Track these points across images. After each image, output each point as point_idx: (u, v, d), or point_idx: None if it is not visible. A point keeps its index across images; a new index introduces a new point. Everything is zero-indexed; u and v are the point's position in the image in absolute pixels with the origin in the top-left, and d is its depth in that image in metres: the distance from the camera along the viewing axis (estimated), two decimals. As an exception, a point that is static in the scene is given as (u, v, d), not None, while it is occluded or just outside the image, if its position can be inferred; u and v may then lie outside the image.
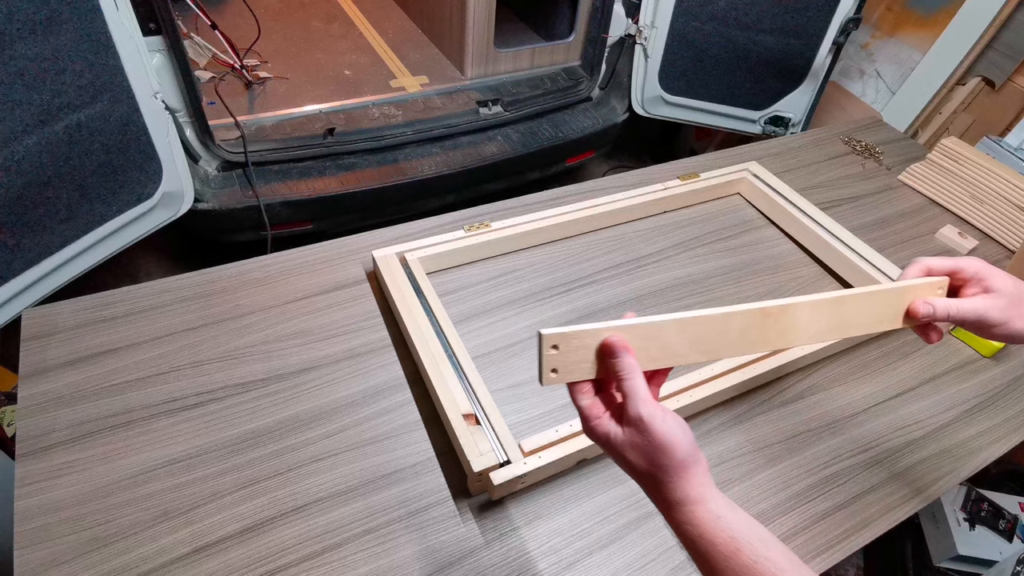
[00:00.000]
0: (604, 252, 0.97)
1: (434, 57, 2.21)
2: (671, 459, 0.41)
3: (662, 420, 0.41)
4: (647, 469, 0.42)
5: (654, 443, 0.41)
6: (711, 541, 0.40)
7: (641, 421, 0.41)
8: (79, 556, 0.56)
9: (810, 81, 1.79)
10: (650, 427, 0.41)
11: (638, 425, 0.41)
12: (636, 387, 0.42)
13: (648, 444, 0.41)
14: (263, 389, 0.71)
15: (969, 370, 0.87)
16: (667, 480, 0.41)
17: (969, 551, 1.29)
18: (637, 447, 0.41)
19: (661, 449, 0.41)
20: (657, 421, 0.41)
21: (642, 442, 0.41)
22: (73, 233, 1.18)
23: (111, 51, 1.14)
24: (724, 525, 0.40)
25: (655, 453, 0.41)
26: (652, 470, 0.41)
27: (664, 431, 0.40)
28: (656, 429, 0.40)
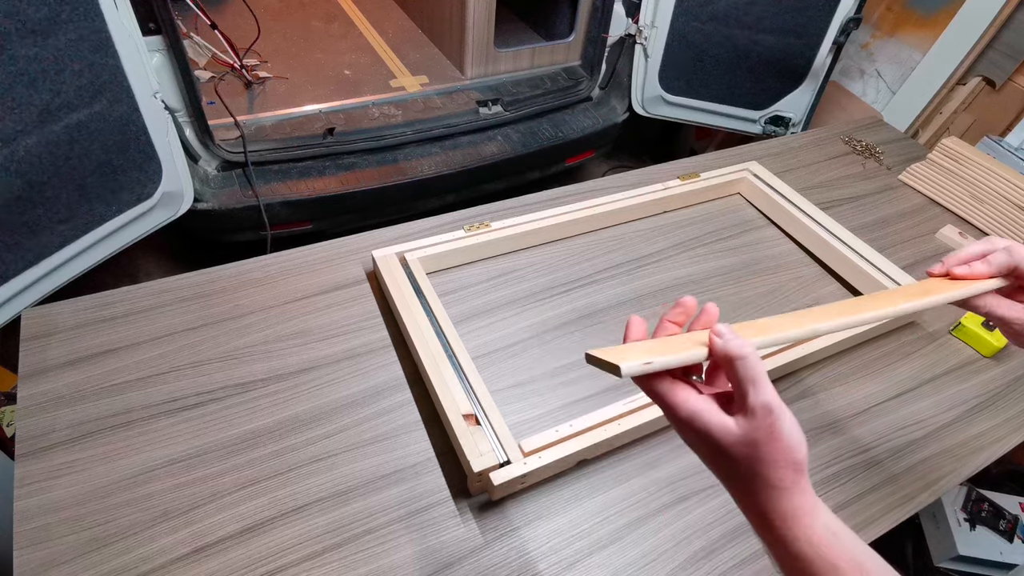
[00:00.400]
0: (604, 252, 0.97)
1: (434, 57, 2.21)
2: (791, 459, 0.35)
3: (786, 411, 0.35)
4: (758, 470, 0.35)
5: (777, 439, 0.35)
6: (833, 564, 0.34)
7: (770, 412, 0.35)
8: (79, 556, 0.56)
9: (810, 81, 1.79)
10: (777, 419, 0.35)
11: (763, 416, 0.35)
12: (761, 371, 0.35)
13: (771, 440, 0.35)
14: (263, 389, 0.71)
15: (970, 370, 0.87)
16: (780, 486, 0.35)
17: (969, 551, 1.29)
18: (753, 443, 0.35)
19: (783, 448, 0.35)
20: (784, 412, 0.35)
21: (763, 437, 0.35)
22: (73, 233, 1.18)
23: (111, 51, 1.14)
24: (847, 546, 0.35)
25: (774, 453, 0.35)
26: (763, 471, 0.35)
27: (790, 427, 0.35)
28: (783, 424, 0.35)
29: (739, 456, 0.36)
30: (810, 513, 0.35)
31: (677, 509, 0.66)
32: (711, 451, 0.37)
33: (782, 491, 0.35)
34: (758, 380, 0.35)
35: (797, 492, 0.35)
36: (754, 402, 0.35)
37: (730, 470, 0.37)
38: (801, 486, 0.36)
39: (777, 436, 0.35)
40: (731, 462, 0.36)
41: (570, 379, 0.77)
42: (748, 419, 0.35)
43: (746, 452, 0.35)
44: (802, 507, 0.35)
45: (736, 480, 0.37)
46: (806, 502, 0.35)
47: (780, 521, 0.36)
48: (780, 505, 0.35)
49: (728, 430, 0.36)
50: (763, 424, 0.35)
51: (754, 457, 0.35)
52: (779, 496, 0.35)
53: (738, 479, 0.37)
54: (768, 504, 0.36)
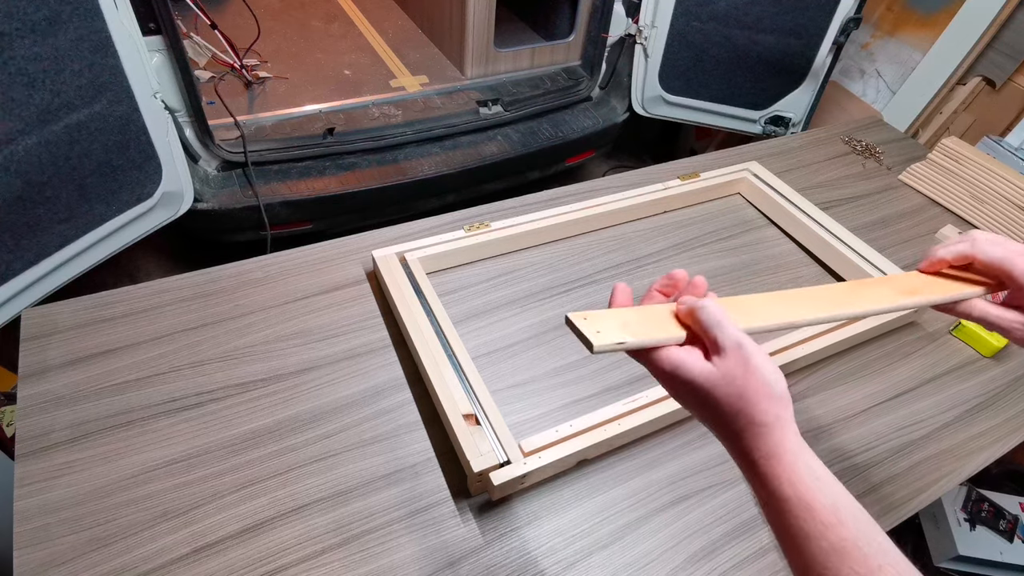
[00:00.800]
0: (604, 252, 0.97)
1: (434, 57, 2.21)
2: (770, 394, 0.36)
3: (758, 348, 0.37)
4: (740, 407, 0.36)
5: (752, 373, 0.36)
6: (808, 505, 0.34)
7: (740, 348, 0.36)
8: (79, 556, 0.56)
9: (810, 81, 1.79)
10: (750, 354, 0.36)
11: (736, 352, 0.36)
12: (722, 314, 0.37)
13: (747, 373, 0.36)
14: (263, 389, 0.71)
15: (969, 370, 0.87)
16: (762, 421, 0.36)
17: (969, 551, 1.29)
18: (731, 379, 0.36)
19: (761, 381, 0.36)
20: (757, 350, 0.36)
21: (740, 371, 0.36)
22: (72, 233, 1.18)
23: (111, 51, 1.14)
24: (825, 489, 0.34)
25: (753, 386, 0.36)
26: (746, 408, 0.36)
27: (763, 361, 0.36)
28: (756, 357, 0.36)
29: (722, 396, 0.37)
30: (792, 452, 0.36)
31: (677, 509, 0.66)
32: (697, 399, 0.38)
33: (763, 426, 0.36)
34: (722, 322, 0.37)
35: (779, 428, 0.36)
36: (723, 341, 0.37)
37: (716, 413, 0.38)
38: (783, 422, 0.36)
39: (752, 369, 0.36)
40: (715, 404, 0.37)
41: (570, 379, 0.77)
42: (723, 358, 0.37)
43: (727, 390, 0.36)
44: (783, 444, 0.36)
45: (722, 422, 0.38)
46: (788, 440, 0.36)
47: (763, 459, 0.36)
48: (762, 442, 0.36)
49: (709, 372, 0.37)
50: (737, 358, 0.36)
51: (735, 394, 0.36)
52: (761, 432, 0.36)
53: (724, 420, 0.38)
54: (751, 441, 0.36)
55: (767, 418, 0.36)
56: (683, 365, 0.38)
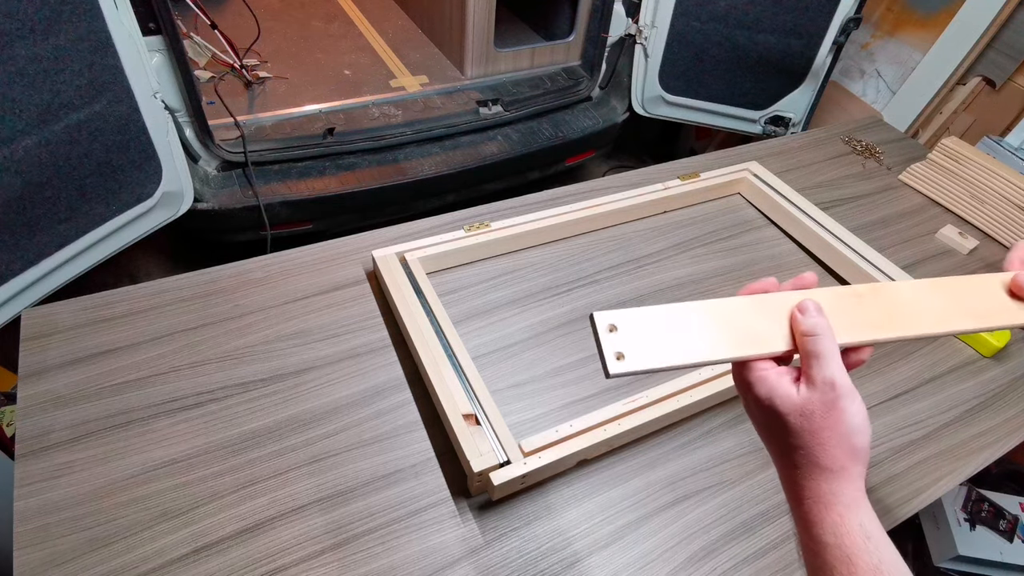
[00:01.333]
0: (604, 252, 0.97)
1: (434, 57, 2.21)
2: (846, 443, 0.34)
3: (855, 396, 0.35)
4: (805, 443, 0.35)
5: (837, 418, 0.34)
6: (849, 558, 0.33)
7: (832, 388, 0.35)
8: (79, 556, 0.56)
9: (810, 81, 1.79)
10: (841, 396, 0.34)
11: (825, 390, 0.35)
12: (831, 349, 0.36)
13: (828, 416, 0.34)
14: (263, 389, 0.71)
15: (970, 370, 0.87)
16: (826, 465, 0.34)
17: (969, 551, 1.29)
18: (809, 415, 0.35)
19: (842, 428, 0.34)
20: (851, 395, 0.35)
21: (820, 411, 0.35)
22: (73, 233, 1.18)
23: (111, 51, 1.14)
24: (872, 548, 0.33)
25: (832, 430, 0.34)
26: (813, 447, 0.35)
27: (855, 409, 0.35)
28: (846, 402, 0.34)
29: (793, 427, 0.35)
30: (848, 506, 0.34)
31: (677, 509, 0.66)
32: (769, 417, 0.37)
33: (825, 471, 0.34)
34: (824, 356, 0.36)
35: (842, 479, 0.34)
36: (817, 375, 0.35)
37: (781, 439, 0.36)
38: (848, 474, 0.34)
39: (836, 414, 0.34)
40: (785, 431, 0.36)
41: (570, 379, 0.77)
42: (809, 391, 0.35)
43: (800, 424, 0.35)
44: (840, 495, 0.34)
45: (783, 451, 0.37)
46: (848, 491, 0.34)
47: (811, 502, 0.34)
48: (819, 485, 0.34)
49: (789, 397, 0.36)
50: (824, 398, 0.35)
51: (807, 430, 0.35)
52: (821, 476, 0.34)
53: (787, 451, 0.36)
54: (806, 480, 0.35)
55: (832, 464, 0.34)
56: (768, 379, 0.37)
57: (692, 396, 0.71)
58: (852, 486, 0.34)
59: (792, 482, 0.36)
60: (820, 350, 0.36)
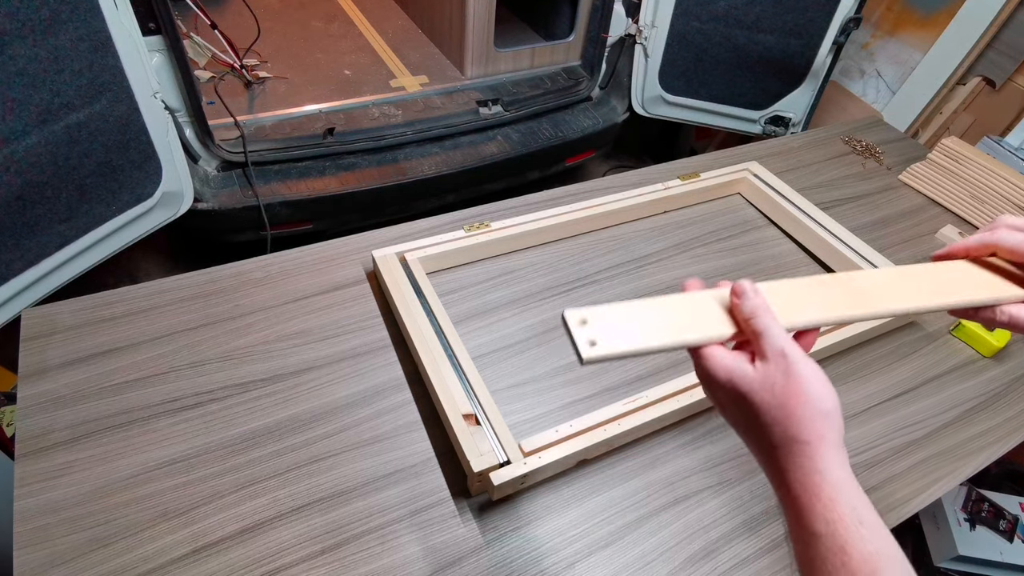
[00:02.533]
0: (604, 252, 0.97)
1: (434, 57, 2.21)
2: (815, 408, 0.33)
3: (808, 361, 0.34)
4: (776, 417, 0.34)
5: (795, 382, 0.33)
6: (842, 547, 0.31)
7: (784, 356, 0.34)
8: (79, 556, 0.56)
9: (810, 81, 1.79)
10: (794, 361, 0.34)
11: (778, 359, 0.34)
12: (771, 323, 0.35)
13: (788, 382, 0.33)
14: (263, 389, 0.71)
15: (969, 370, 0.87)
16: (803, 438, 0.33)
17: (970, 551, 1.29)
18: (771, 387, 0.34)
19: (804, 393, 0.33)
20: (803, 360, 0.34)
21: (780, 379, 0.34)
22: (73, 233, 1.18)
23: (111, 51, 1.14)
24: (867, 534, 0.31)
25: (795, 397, 0.33)
26: (784, 419, 0.33)
27: (810, 371, 0.33)
28: (800, 365, 0.33)
29: (760, 403, 0.34)
30: (833, 485, 0.32)
31: (677, 509, 0.66)
32: (735, 401, 0.36)
33: (803, 444, 0.33)
34: (768, 329, 0.35)
35: (822, 449, 0.32)
36: (767, 348, 0.35)
37: (751, 421, 0.35)
38: (828, 443, 0.33)
39: (795, 379, 0.33)
40: (751, 410, 0.35)
41: (570, 379, 0.77)
42: (764, 364, 0.35)
43: (766, 399, 0.34)
44: (824, 472, 0.32)
45: (757, 433, 0.35)
46: (830, 467, 0.32)
47: (798, 484, 0.33)
48: (799, 462, 0.33)
49: (747, 375, 0.35)
50: (779, 367, 0.34)
51: (774, 404, 0.34)
52: (799, 451, 0.33)
53: (759, 431, 0.35)
54: (788, 459, 0.33)
55: (809, 435, 0.33)
56: (724, 362, 0.37)
57: (692, 396, 0.71)
58: (835, 458, 0.33)
59: (773, 465, 0.35)
60: (762, 326, 0.36)
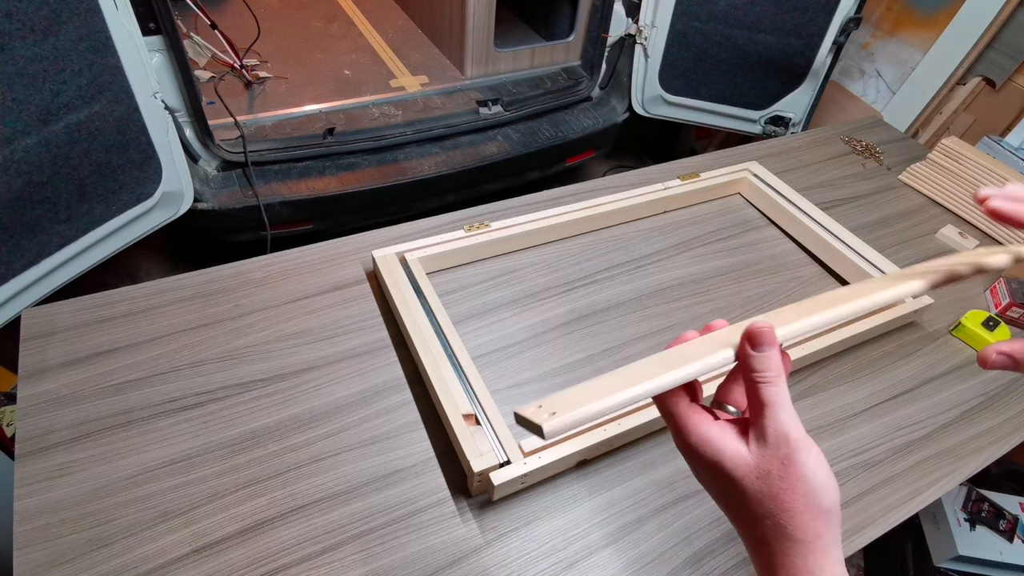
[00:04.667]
0: (604, 252, 0.97)
1: (434, 57, 2.21)
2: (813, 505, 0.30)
3: (811, 448, 0.30)
4: (769, 510, 0.30)
5: (794, 474, 0.30)
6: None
7: (786, 442, 0.30)
8: (79, 556, 0.56)
9: (810, 81, 1.79)
10: (797, 450, 0.30)
11: (778, 445, 0.30)
12: (783, 395, 0.31)
13: (786, 474, 0.30)
14: (263, 389, 0.71)
15: (969, 370, 0.87)
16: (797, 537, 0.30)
17: (970, 551, 1.29)
18: (766, 475, 0.30)
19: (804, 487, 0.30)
20: (807, 447, 0.30)
21: (777, 470, 0.30)
22: (72, 233, 1.18)
23: (110, 51, 1.14)
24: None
25: (792, 491, 0.30)
26: (778, 514, 0.30)
27: (814, 462, 0.30)
28: (803, 456, 0.30)
29: (752, 492, 0.31)
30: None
31: (677, 509, 0.66)
32: (722, 484, 0.33)
33: (798, 543, 0.30)
34: (776, 404, 0.31)
35: (817, 551, 0.30)
36: (769, 428, 0.31)
37: (739, 509, 0.32)
38: (824, 544, 0.30)
39: (795, 472, 0.30)
40: (743, 498, 0.31)
41: (570, 379, 0.77)
42: (761, 447, 0.31)
43: (759, 488, 0.31)
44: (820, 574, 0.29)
45: (746, 522, 0.32)
46: (827, 567, 0.29)
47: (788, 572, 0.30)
48: (793, 562, 0.30)
49: (740, 457, 0.31)
50: (778, 454, 0.30)
51: (768, 495, 0.30)
52: (793, 550, 0.30)
53: (748, 521, 0.32)
54: (779, 557, 0.30)
55: (805, 534, 0.30)
56: (712, 441, 0.32)
57: (692, 396, 0.71)
58: (830, 559, 0.30)
59: (763, 560, 0.32)
60: (770, 398, 0.31)
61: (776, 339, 0.32)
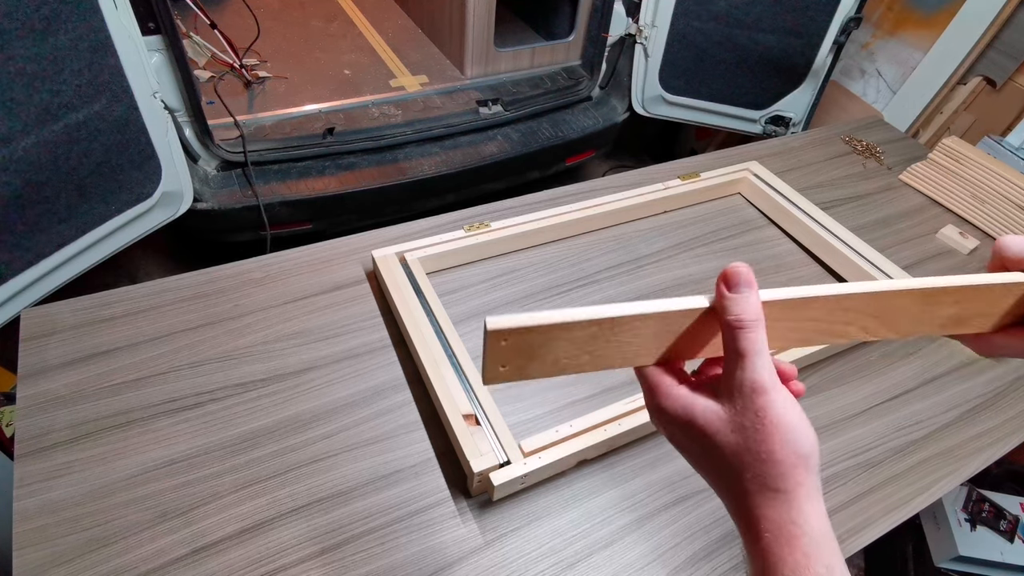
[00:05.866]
0: (604, 252, 0.96)
1: (434, 57, 2.21)
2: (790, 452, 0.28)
3: (779, 390, 0.29)
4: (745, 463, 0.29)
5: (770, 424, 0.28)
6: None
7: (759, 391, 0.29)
8: (78, 557, 0.56)
9: (811, 81, 1.79)
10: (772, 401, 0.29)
11: (751, 395, 0.29)
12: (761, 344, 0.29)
13: (761, 425, 0.29)
14: (263, 389, 0.71)
15: (970, 370, 0.87)
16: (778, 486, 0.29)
17: (970, 552, 1.29)
18: (740, 428, 0.29)
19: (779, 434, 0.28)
20: (775, 389, 0.29)
21: (751, 421, 0.29)
22: (72, 233, 1.18)
23: (110, 51, 1.14)
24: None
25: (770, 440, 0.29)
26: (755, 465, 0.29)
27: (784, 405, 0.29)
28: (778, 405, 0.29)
29: (728, 445, 0.30)
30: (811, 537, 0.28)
31: (677, 509, 0.66)
32: (697, 443, 0.31)
33: (781, 494, 0.29)
34: (752, 354, 0.29)
35: (800, 498, 0.28)
36: (740, 378, 0.29)
37: (720, 465, 0.31)
38: (807, 490, 0.29)
39: (769, 419, 0.29)
40: (719, 453, 0.30)
41: (570, 379, 0.77)
42: (735, 399, 0.30)
43: (735, 440, 0.29)
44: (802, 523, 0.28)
45: (723, 478, 0.31)
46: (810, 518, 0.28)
47: (771, 536, 0.28)
48: (774, 513, 0.29)
49: (711, 410, 0.30)
50: (751, 405, 0.29)
51: (744, 447, 0.29)
52: (774, 500, 0.29)
53: (725, 476, 0.30)
54: (760, 510, 0.29)
55: (784, 484, 0.28)
56: (682, 398, 0.31)
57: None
58: (813, 507, 0.29)
59: (743, 514, 0.30)
60: (747, 347, 0.29)
61: (754, 280, 0.30)
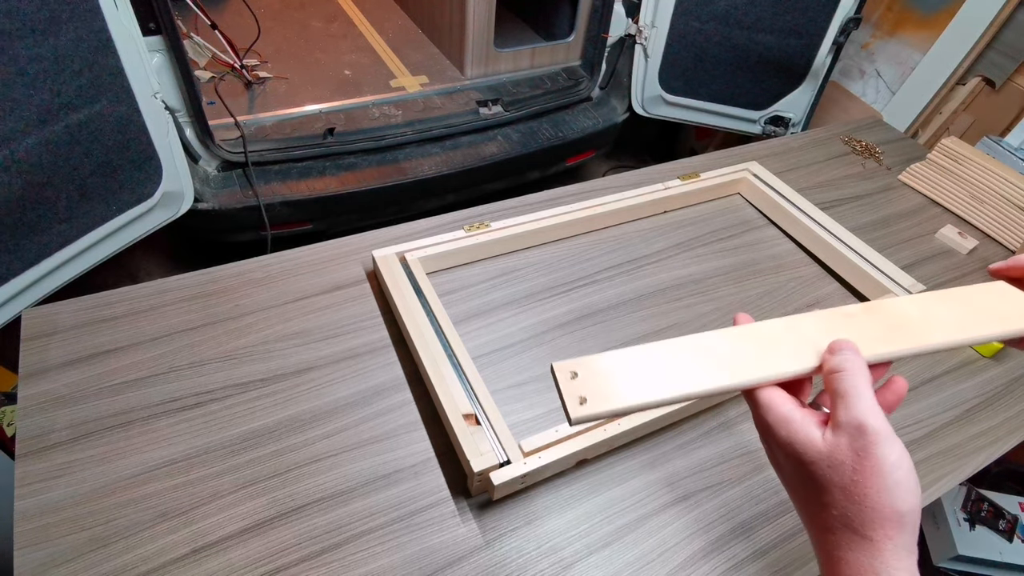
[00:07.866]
0: (604, 252, 0.97)
1: (434, 57, 2.21)
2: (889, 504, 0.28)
3: (894, 444, 0.29)
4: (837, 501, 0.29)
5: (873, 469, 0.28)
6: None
7: (863, 432, 0.29)
8: (78, 556, 0.56)
9: (810, 81, 1.80)
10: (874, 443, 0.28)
11: (854, 435, 0.29)
12: (859, 386, 0.31)
13: (861, 466, 0.28)
14: (263, 389, 0.71)
15: (969, 370, 0.87)
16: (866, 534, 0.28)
17: (969, 551, 1.29)
18: (838, 465, 0.29)
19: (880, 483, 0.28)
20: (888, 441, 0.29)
21: (850, 461, 0.29)
22: (73, 233, 1.18)
23: (111, 51, 1.14)
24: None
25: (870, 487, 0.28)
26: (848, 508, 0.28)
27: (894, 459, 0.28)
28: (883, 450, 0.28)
29: (821, 479, 0.30)
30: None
31: (677, 509, 0.66)
32: (793, 468, 0.31)
33: (867, 542, 0.28)
34: (850, 394, 0.30)
35: (888, 550, 0.27)
36: (842, 416, 0.30)
37: (811, 497, 0.31)
38: (895, 547, 0.27)
39: (870, 465, 0.28)
40: (813, 485, 0.30)
41: (570, 379, 0.77)
42: (835, 435, 0.30)
43: (829, 476, 0.29)
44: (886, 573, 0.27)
45: (815, 512, 0.31)
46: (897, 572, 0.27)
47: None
48: (858, 559, 0.28)
49: (812, 443, 0.30)
50: (853, 445, 0.29)
51: (838, 485, 0.29)
52: (860, 547, 0.28)
53: (818, 511, 0.30)
54: (844, 552, 0.29)
55: (873, 533, 0.28)
56: (789, 423, 0.31)
57: (692, 396, 0.71)
58: (903, 565, 0.28)
59: (827, 551, 0.30)
60: (845, 388, 0.31)
61: (855, 346, 0.34)
